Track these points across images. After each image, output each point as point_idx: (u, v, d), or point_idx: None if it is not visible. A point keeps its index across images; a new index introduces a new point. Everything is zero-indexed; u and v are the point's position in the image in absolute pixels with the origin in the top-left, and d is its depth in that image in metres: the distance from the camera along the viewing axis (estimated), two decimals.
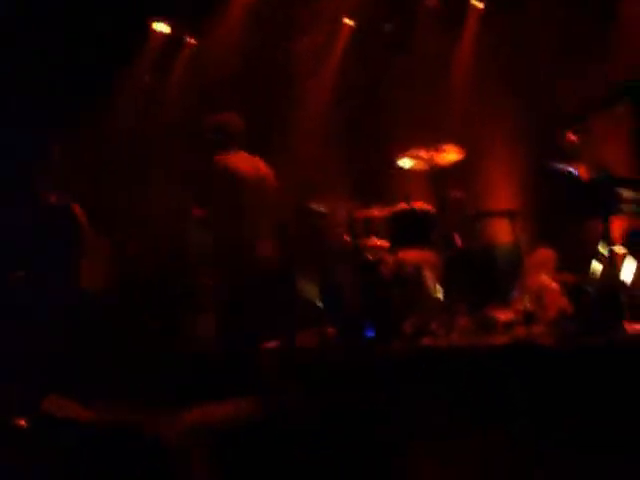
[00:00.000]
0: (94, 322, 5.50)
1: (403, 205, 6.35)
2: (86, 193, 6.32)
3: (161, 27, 8.19)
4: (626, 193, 5.26)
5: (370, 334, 6.02)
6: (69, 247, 5.47)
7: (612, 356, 4.46)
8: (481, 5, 7.85)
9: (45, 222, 5.52)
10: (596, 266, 5.32)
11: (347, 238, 6.51)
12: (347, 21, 8.43)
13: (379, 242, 6.47)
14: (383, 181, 7.51)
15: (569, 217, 5.78)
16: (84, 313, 5.43)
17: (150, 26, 8.11)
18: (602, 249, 5.26)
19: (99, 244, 6.66)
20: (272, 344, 6.35)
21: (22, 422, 3.81)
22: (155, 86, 8.40)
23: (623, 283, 5.16)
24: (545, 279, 6.19)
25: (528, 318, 5.42)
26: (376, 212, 6.48)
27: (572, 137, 5.52)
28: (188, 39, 8.53)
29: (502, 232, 6.84)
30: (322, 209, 6.67)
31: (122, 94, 7.88)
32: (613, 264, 5.13)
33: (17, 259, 5.37)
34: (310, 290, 7.01)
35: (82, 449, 3.35)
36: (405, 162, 6.37)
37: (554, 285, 6.13)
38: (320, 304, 6.72)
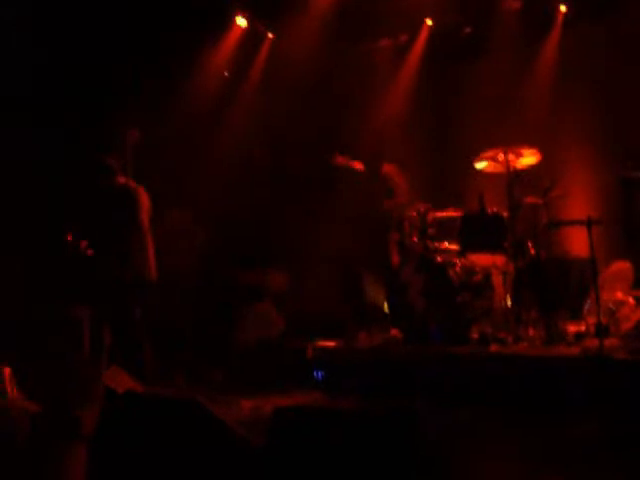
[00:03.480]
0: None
1: (475, 208, 6.22)
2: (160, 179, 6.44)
3: (242, 21, 8.19)
4: None
5: (436, 338, 5.93)
6: (122, 227, 5.56)
7: None
8: (564, 9, 7.64)
9: (106, 200, 5.62)
10: None
11: (416, 239, 6.42)
12: (428, 22, 8.31)
13: (450, 245, 6.36)
14: (458, 182, 7.39)
15: None
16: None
17: (232, 19, 8.12)
18: None
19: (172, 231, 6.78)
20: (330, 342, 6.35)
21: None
22: (232, 81, 8.42)
23: None
24: (620, 292, 6.00)
25: (600, 331, 5.24)
26: (448, 214, 6.36)
27: None
28: (267, 34, 8.53)
29: (577, 242, 6.65)
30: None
31: (199, 83, 7.91)
32: None
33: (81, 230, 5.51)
34: (376, 291, 6.96)
35: (146, 422, 3.36)
36: (481, 164, 6.24)
37: (629, 299, 5.93)
38: (386, 305, 6.65)
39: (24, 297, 6.12)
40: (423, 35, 8.37)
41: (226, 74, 8.35)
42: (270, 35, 8.53)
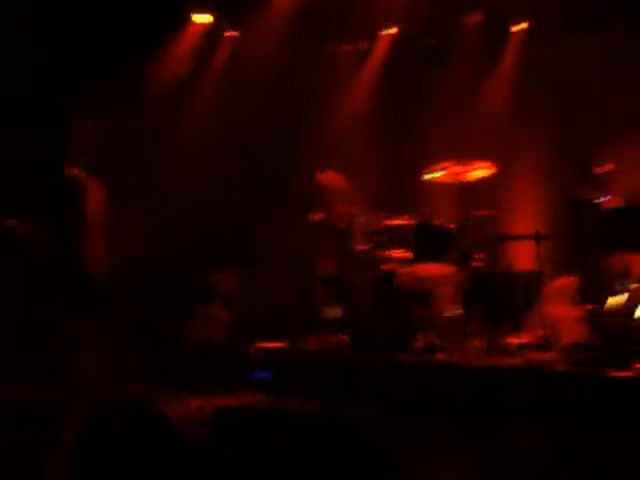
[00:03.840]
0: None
1: (426, 218, 6.29)
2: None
3: (201, 18, 8.09)
4: None
5: (383, 346, 5.98)
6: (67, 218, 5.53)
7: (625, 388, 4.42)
8: (525, 25, 7.78)
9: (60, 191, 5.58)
10: (613, 299, 5.25)
11: (367, 246, 6.47)
12: (392, 30, 8.35)
13: (400, 253, 6.41)
14: (410, 193, 7.46)
15: (593, 247, 5.70)
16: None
17: (189, 15, 8.04)
18: (621, 283, 5.20)
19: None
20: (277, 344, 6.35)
21: None
22: (190, 79, 8.34)
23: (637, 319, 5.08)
24: (563, 306, 6.13)
25: (542, 344, 5.36)
26: (399, 222, 6.42)
27: (605, 166, 5.44)
28: (228, 31, 8.45)
29: (524, 256, 6.78)
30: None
31: (154, 81, 7.83)
32: (631, 299, 5.05)
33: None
34: (326, 296, 6.99)
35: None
36: (434, 174, 6.32)
37: (572, 313, 6.06)
38: (335, 311, 6.68)
39: None
40: (385, 42, 8.40)
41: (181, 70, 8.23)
42: (232, 31, 8.47)
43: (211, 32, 8.20)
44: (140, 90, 7.50)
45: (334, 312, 6.67)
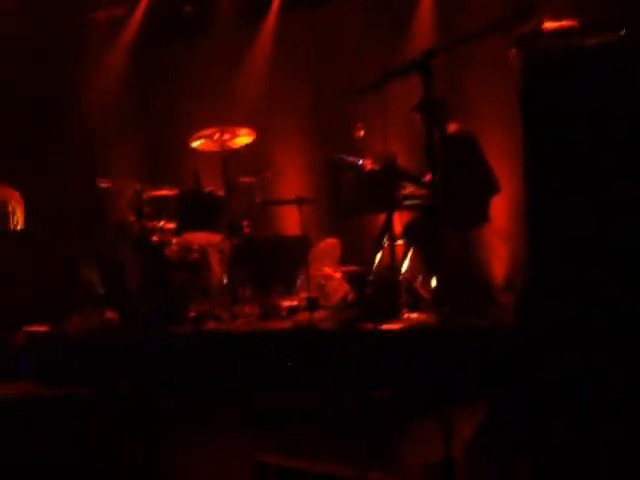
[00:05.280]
0: None
1: (191, 187, 6.22)
2: None
3: None
4: (408, 187, 5.47)
5: (151, 318, 5.84)
6: None
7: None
8: None
9: None
10: (377, 257, 5.50)
11: (132, 218, 6.27)
12: None
13: (166, 224, 6.28)
14: (174, 161, 7.35)
15: (354, 209, 5.91)
16: None
17: None
18: (384, 241, 5.44)
19: None
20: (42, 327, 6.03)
21: None
22: None
23: (402, 274, 5.37)
24: (328, 268, 6.35)
25: (311, 305, 5.51)
26: (164, 192, 6.28)
27: (360, 129, 5.64)
28: None
29: (290, 220, 6.94)
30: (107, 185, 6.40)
31: None
32: (393, 256, 5.31)
33: None
34: (89, 272, 6.70)
35: None
36: (197, 142, 6.26)
37: (337, 274, 6.30)
38: (100, 286, 6.43)
39: None
40: (141, 10, 8.15)
41: None
42: None
43: None
44: None
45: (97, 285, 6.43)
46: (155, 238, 6.12)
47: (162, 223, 6.31)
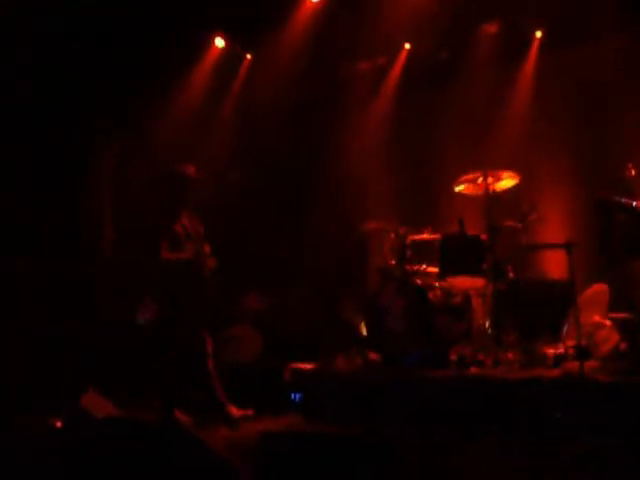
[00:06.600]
0: None
1: (455, 231, 6.22)
2: None
3: (219, 42, 8.12)
4: None
5: (414, 361, 5.89)
6: None
7: None
8: (539, 34, 7.74)
9: None
10: None
11: (393, 261, 6.40)
12: (406, 46, 8.34)
13: (428, 268, 6.34)
14: (437, 205, 7.41)
15: (626, 253, 5.59)
16: None
17: (210, 39, 8.05)
18: None
19: None
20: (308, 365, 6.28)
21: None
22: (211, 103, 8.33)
23: None
24: (597, 315, 6.02)
25: (581, 354, 5.24)
26: (426, 236, 6.35)
27: (632, 169, 5.36)
28: (246, 55, 8.46)
29: (554, 265, 6.69)
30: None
31: (176, 108, 7.83)
32: None
33: None
34: (352, 313, 6.92)
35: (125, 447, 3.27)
36: (460, 187, 6.27)
37: (607, 322, 5.95)
38: (363, 328, 6.61)
39: None
40: (401, 59, 8.41)
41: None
42: (248, 56, 8.48)
43: (228, 56, 8.21)
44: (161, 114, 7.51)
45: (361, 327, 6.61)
46: (418, 282, 6.19)
47: (424, 267, 6.40)
